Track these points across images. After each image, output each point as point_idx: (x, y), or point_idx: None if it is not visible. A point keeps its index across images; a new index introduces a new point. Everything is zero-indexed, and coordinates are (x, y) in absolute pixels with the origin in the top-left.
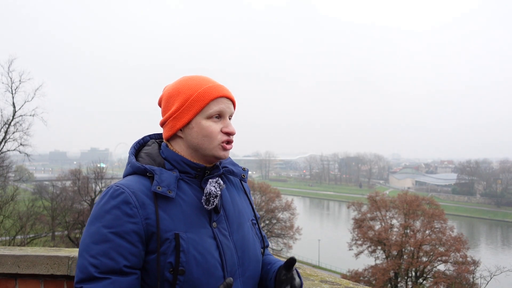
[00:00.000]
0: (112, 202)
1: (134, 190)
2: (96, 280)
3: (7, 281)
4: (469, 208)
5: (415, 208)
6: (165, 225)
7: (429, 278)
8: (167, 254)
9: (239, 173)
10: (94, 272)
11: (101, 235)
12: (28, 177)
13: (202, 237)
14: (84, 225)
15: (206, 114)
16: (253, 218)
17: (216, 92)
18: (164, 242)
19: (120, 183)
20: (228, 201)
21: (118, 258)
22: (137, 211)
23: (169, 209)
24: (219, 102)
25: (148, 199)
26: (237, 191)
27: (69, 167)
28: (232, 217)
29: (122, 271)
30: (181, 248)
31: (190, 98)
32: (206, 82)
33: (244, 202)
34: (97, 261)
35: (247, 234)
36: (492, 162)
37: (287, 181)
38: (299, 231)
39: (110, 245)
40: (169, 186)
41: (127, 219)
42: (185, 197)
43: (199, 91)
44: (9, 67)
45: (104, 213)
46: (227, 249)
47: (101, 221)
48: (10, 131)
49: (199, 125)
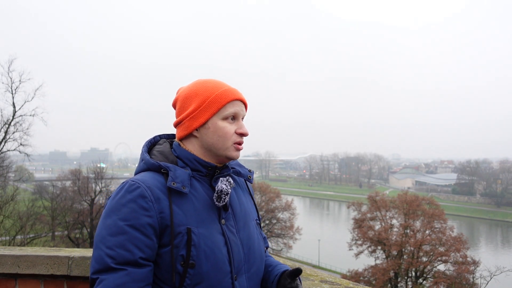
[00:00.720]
0: (128, 196)
1: (150, 185)
2: (113, 271)
3: (7, 281)
4: (469, 208)
5: (415, 208)
6: (178, 220)
7: (429, 278)
8: (180, 248)
9: (246, 174)
10: (111, 263)
11: (117, 227)
12: (28, 177)
13: (212, 233)
14: (84, 225)
15: (222, 115)
16: (257, 218)
17: (232, 95)
18: (177, 235)
19: (136, 179)
20: (235, 200)
21: (134, 250)
22: (152, 205)
23: (182, 204)
24: (235, 104)
25: (163, 194)
26: (243, 192)
27: (69, 167)
28: (239, 215)
29: (137, 262)
30: (192, 242)
31: (208, 100)
32: (222, 85)
33: (249, 203)
34: (114, 253)
35: (252, 232)
36: (492, 162)
37: (287, 181)
38: (299, 231)
39: (126, 237)
40: (183, 183)
41: (143, 212)
42: (197, 194)
43: (216, 93)
44: (9, 67)
45: (121, 206)
46: (235, 245)
47: (117, 214)
48: (10, 131)
49: (215, 126)
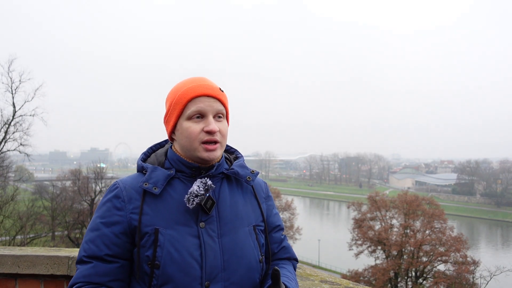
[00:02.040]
0: (108, 196)
1: (127, 185)
2: (83, 263)
3: (7, 281)
4: (469, 208)
5: (415, 208)
6: (146, 220)
7: (429, 278)
8: (146, 248)
9: (245, 175)
10: (83, 255)
11: (94, 224)
12: (28, 177)
13: (182, 235)
14: (84, 225)
15: (185, 115)
16: (259, 225)
17: (192, 92)
18: (144, 236)
19: (119, 179)
20: (225, 203)
21: (101, 246)
22: (124, 205)
23: (155, 205)
24: (197, 101)
25: (137, 195)
26: (244, 195)
27: (69, 167)
28: (225, 219)
29: (103, 258)
30: (158, 243)
31: (173, 101)
32: (188, 84)
33: (249, 207)
34: (87, 246)
35: (241, 239)
36: (492, 162)
37: (287, 181)
38: (299, 231)
39: (98, 234)
40: (156, 183)
41: (115, 211)
42: (175, 195)
43: (178, 94)
44: (9, 67)
45: (102, 205)
46: (211, 250)
47: (98, 211)
48: (10, 131)
49: (182, 127)
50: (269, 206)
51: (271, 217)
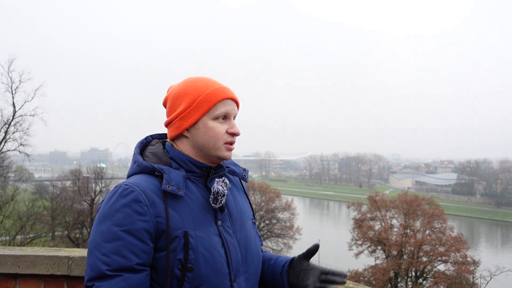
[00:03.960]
0: (122, 201)
1: (144, 188)
2: (108, 278)
3: (7, 281)
4: (469, 208)
5: (415, 208)
6: (174, 223)
7: (429, 278)
8: (177, 251)
9: (241, 173)
10: (106, 270)
11: (112, 233)
12: (28, 177)
13: (209, 235)
14: (84, 225)
15: (213, 115)
16: (253, 218)
17: (223, 93)
18: (174, 239)
19: (129, 182)
20: (231, 200)
21: (130, 256)
22: (148, 209)
23: (178, 207)
24: (225, 103)
25: (158, 198)
26: (238, 191)
27: (69, 167)
28: (235, 215)
29: (134, 268)
30: (190, 246)
31: (198, 99)
32: (212, 84)
33: (245, 202)
34: (109, 259)
35: (249, 232)
36: (492, 162)
37: (287, 181)
38: (299, 231)
39: (121, 243)
40: (178, 185)
41: (138, 217)
42: (192, 195)
43: (206, 93)
44: (9, 67)
45: (115, 211)
46: (232, 246)
47: (111, 219)
48: (10, 131)
49: (206, 126)
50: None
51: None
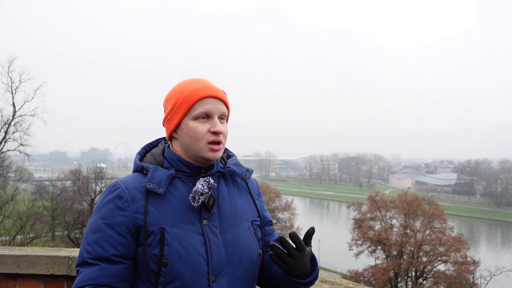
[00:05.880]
0: (109, 197)
1: (128, 185)
2: (88, 265)
3: (7, 281)
4: (469, 208)
5: (415, 208)
6: (152, 219)
7: (429, 278)
8: (152, 246)
9: (241, 173)
10: (87, 258)
11: (96, 225)
12: (28, 177)
13: (188, 233)
14: (84, 225)
15: (192, 115)
16: (255, 220)
17: (201, 93)
18: (150, 235)
19: (119, 180)
20: (225, 200)
21: (107, 247)
22: (128, 205)
23: (159, 204)
24: (205, 102)
25: (140, 195)
26: (240, 192)
27: (69, 167)
28: (226, 216)
29: (110, 259)
30: (165, 242)
31: (179, 100)
32: (194, 84)
33: (246, 203)
34: (91, 248)
35: (241, 234)
36: (492, 162)
37: (287, 181)
38: (299, 231)
39: (102, 235)
40: (160, 183)
41: (119, 212)
42: (178, 194)
43: (186, 93)
44: (9, 67)
45: (102, 206)
46: (215, 246)
47: (98, 213)
48: (10, 131)
49: (187, 126)
50: (261, 202)
51: (264, 212)
